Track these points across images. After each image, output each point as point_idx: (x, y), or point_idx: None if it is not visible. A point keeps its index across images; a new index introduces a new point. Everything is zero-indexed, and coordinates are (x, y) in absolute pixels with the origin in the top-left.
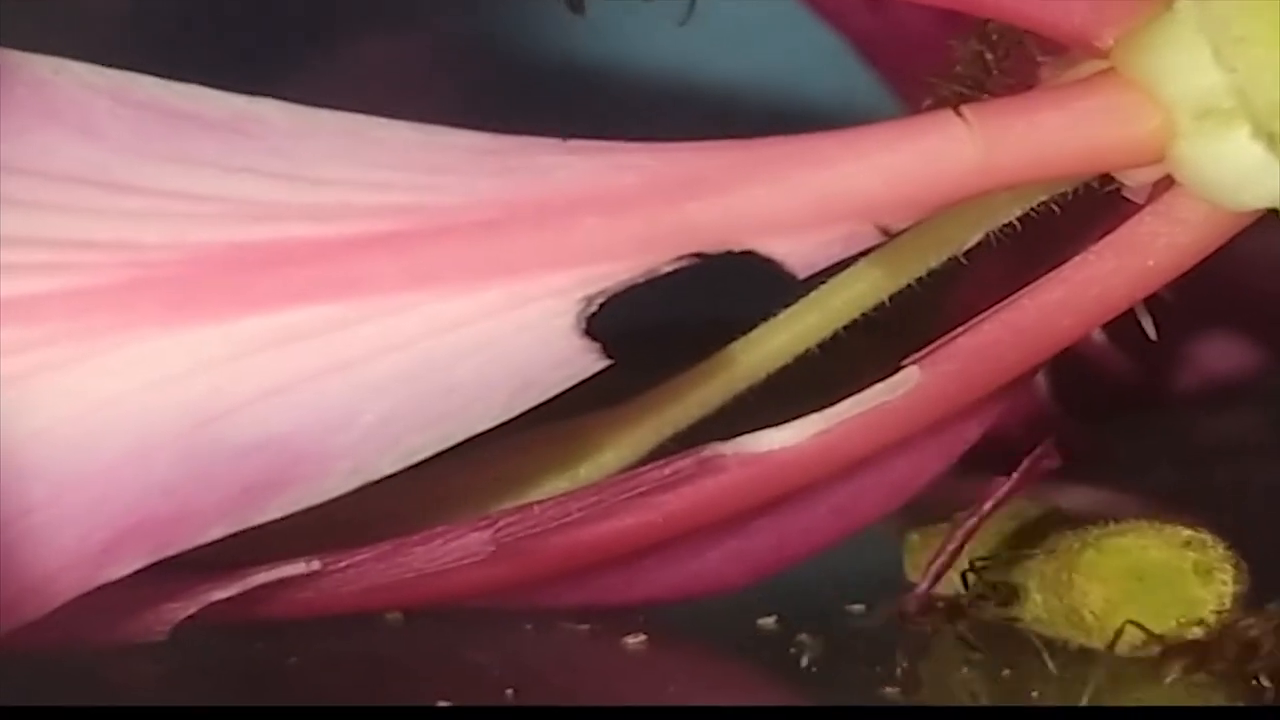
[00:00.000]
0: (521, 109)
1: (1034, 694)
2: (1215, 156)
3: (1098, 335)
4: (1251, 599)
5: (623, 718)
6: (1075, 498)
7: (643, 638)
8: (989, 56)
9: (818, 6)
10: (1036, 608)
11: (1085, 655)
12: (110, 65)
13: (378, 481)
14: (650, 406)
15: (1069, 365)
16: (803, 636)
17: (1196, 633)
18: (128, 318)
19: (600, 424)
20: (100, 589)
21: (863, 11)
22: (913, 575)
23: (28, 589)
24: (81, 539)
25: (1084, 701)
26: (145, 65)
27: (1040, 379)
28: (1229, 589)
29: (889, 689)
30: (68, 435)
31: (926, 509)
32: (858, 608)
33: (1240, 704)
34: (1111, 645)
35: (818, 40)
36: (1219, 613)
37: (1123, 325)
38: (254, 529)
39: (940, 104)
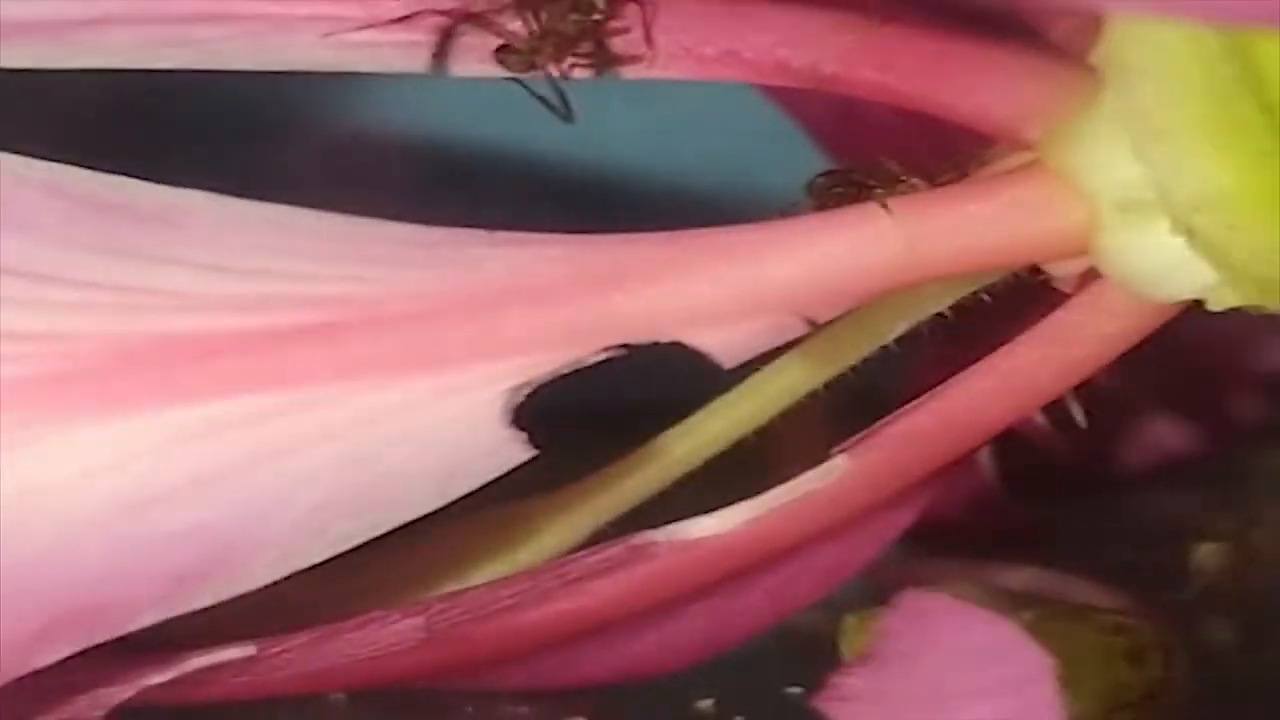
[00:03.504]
0: (461, 200)
1: None
2: (1137, 250)
3: (1039, 418)
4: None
5: None
6: (1019, 578)
7: (583, 719)
8: None
9: (771, 92)
10: None
11: None
12: (41, 157)
13: (318, 566)
14: (588, 492)
15: (1013, 445)
16: (740, 718)
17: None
18: (57, 408)
19: (539, 509)
20: (34, 673)
21: (816, 97)
22: (849, 657)
23: None
24: (11, 626)
25: None
26: (75, 157)
27: (985, 459)
28: (1159, 673)
29: None
30: None
31: (865, 590)
32: (795, 690)
33: None
34: None
35: (771, 124)
36: (1149, 698)
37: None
38: (189, 613)
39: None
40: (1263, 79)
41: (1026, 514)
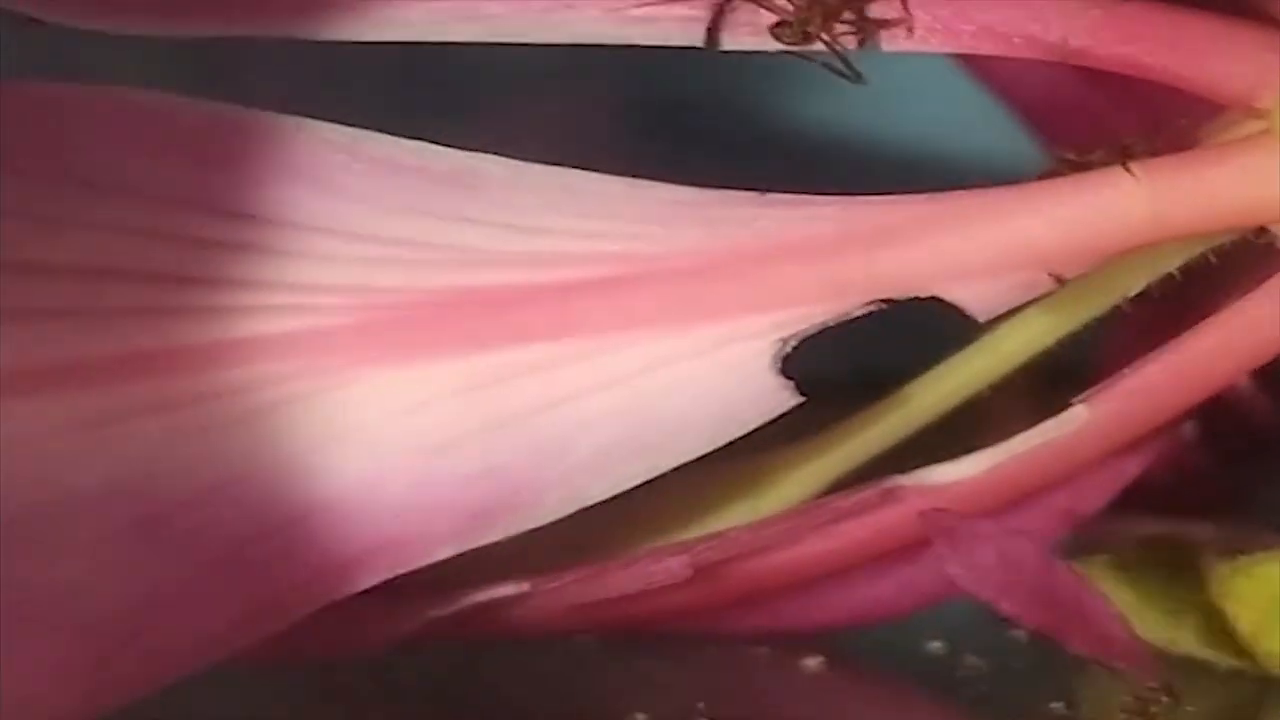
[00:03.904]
0: (688, 165)
1: (1189, 709)
2: None
3: (1242, 379)
4: None
5: None
6: (1218, 535)
7: (820, 659)
8: None
9: (979, 71)
10: (1192, 632)
11: (1239, 677)
12: (344, 123)
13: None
14: (831, 443)
15: (1214, 407)
16: (969, 658)
17: None
18: (363, 356)
19: (784, 459)
20: (336, 604)
21: (1023, 76)
22: None
23: (275, 602)
24: (324, 555)
25: None
26: (375, 123)
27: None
28: None
29: (1053, 705)
30: (311, 462)
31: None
32: (1020, 633)
33: None
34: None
35: (979, 104)
36: None
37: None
38: (466, 551)
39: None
40: None
41: (1226, 476)
